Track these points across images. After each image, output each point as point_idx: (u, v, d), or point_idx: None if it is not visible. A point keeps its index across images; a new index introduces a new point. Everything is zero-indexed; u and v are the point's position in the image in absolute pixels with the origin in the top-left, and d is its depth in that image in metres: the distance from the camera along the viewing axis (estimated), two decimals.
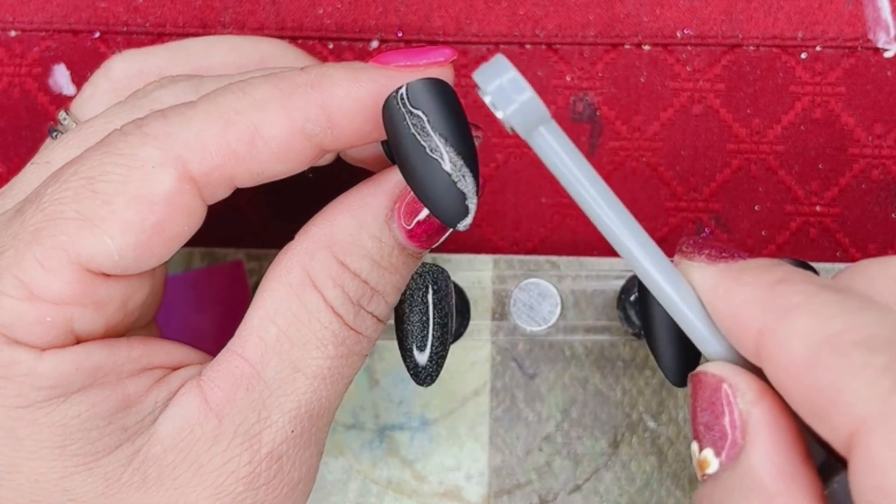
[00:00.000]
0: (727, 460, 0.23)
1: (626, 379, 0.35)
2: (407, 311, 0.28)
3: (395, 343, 0.29)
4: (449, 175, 0.24)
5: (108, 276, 0.25)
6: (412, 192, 0.26)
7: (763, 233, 0.37)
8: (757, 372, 0.23)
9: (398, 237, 0.26)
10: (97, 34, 0.38)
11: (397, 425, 0.36)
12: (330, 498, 0.35)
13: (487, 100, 0.24)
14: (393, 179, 0.26)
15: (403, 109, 0.24)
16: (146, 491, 0.25)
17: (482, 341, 0.35)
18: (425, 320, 0.28)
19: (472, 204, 0.25)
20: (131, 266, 0.25)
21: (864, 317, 0.21)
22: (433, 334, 0.28)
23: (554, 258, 0.35)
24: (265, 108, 0.25)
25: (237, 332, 0.26)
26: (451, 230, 0.26)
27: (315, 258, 0.26)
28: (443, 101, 0.24)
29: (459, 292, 0.35)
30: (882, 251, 0.37)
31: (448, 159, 0.24)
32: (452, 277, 0.31)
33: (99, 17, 0.38)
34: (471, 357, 0.35)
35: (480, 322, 0.35)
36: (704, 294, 0.25)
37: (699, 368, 0.24)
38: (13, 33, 0.38)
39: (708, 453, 0.23)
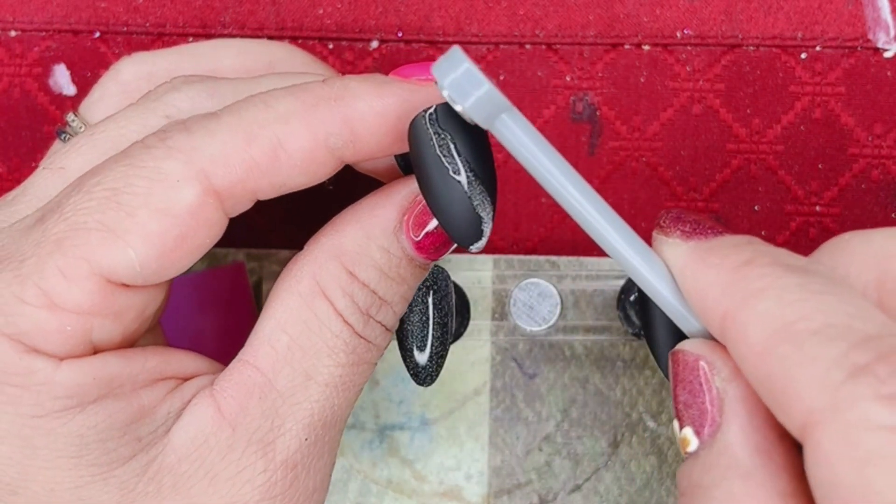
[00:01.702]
0: (706, 438, 0.23)
1: (626, 379, 0.35)
2: (407, 311, 0.28)
3: (395, 343, 0.29)
4: (469, 198, 0.25)
5: (127, 286, 0.25)
6: (420, 205, 0.26)
7: (763, 233, 0.37)
8: None
9: (406, 248, 0.27)
10: (97, 34, 0.38)
11: (397, 425, 0.36)
12: (330, 498, 0.35)
13: (445, 94, 0.23)
14: (402, 191, 0.27)
15: (431, 129, 0.25)
16: (161, 500, 0.25)
17: (482, 341, 0.35)
18: (425, 320, 0.29)
19: (487, 227, 0.25)
20: (151, 277, 0.25)
21: (824, 302, 0.21)
22: (433, 334, 0.29)
23: (554, 258, 0.35)
24: (288, 121, 0.25)
25: (248, 342, 0.26)
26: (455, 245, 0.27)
27: (324, 268, 0.26)
28: (471, 125, 0.25)
29: (459, 292, 0.35)
30: None
31: (470, 183, 0.25)
32: (452, 277, 0.31)
33: (99, 17, 0.38)
34: (471, 357, 0.35)
35: (480, 322, 0.35)
36: (676, 273, 0.24)
37: (678, 346, 0.24)
38: (13, 33, 0.38)
39: (688, 431, 0.23)
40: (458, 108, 0.24)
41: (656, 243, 0.25)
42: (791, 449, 0.22)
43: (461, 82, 0.23)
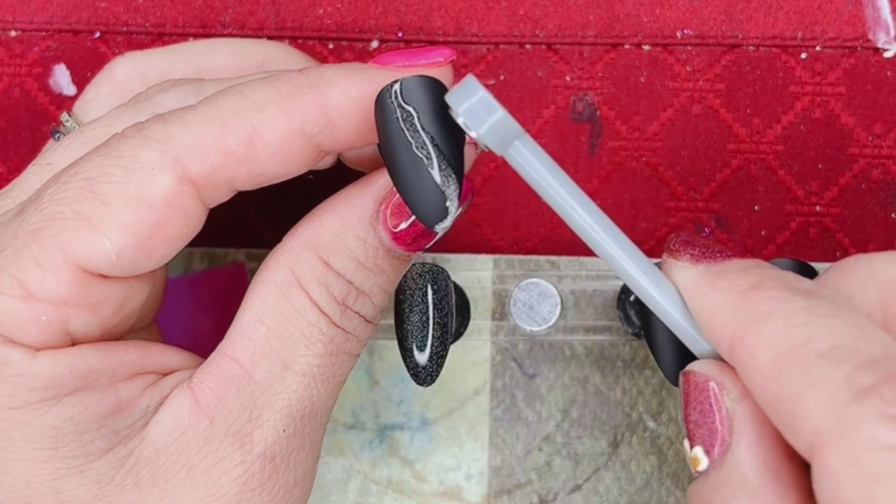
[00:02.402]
0: (716, 457, 0.23)
1: (626, 379, 0.35)
2: (407, 311, 0.28)
3: (395, 343, 0.29)
4: (432, 175, 0.24)
5: (105, 277, 0.25)
6: (398, 195, 0.26)
7: (763, 233, 0.37)
8: None
9: (383, 239, 0.26)
10: (97, 34, 0.38)
11: (397, 425, 0.36)
12: (330, 498, 0.35)
13: (460, 121, 0.24)
14: (380, 181, 0.27)
15: (395, 104, 0.24)
16: (139, 493, 0.25)
17: (482, 341, 0.35)
18: (425, 320, 0.28)
19: (452, 207, 0.25)
20: (129, 267, 0.25)
21: (830, 325, 0.22)
22: (433, 334, 0.29)
23: (554, 258, 0.35)
24: (264, 109, 0.25)
25: (227, 335, 0.26)
26: (437, 236, 0.26)
27: (300, 258, 0.26)
28: (435, 99, 0.24)
29: (459, 292, 0.35)
30: (881, 251, 0.37)
31: (434, 159, 0.24)
32: (452, 277, 0.31)
33: (99, 17, 0.38)
34: (471, 357, 0.35)
35: (480, 322, 0.35)
36: (685, 295, 0.25)
37: (688, 367, 0.25)
38: (13, 33, 0.38)
39: (698, 451, 0.23)
40: (472, 134, 0.24)
41: (666, 266, 0.25)
42: (799, 468, 0.22)
43: (476, 109, 0.24)
